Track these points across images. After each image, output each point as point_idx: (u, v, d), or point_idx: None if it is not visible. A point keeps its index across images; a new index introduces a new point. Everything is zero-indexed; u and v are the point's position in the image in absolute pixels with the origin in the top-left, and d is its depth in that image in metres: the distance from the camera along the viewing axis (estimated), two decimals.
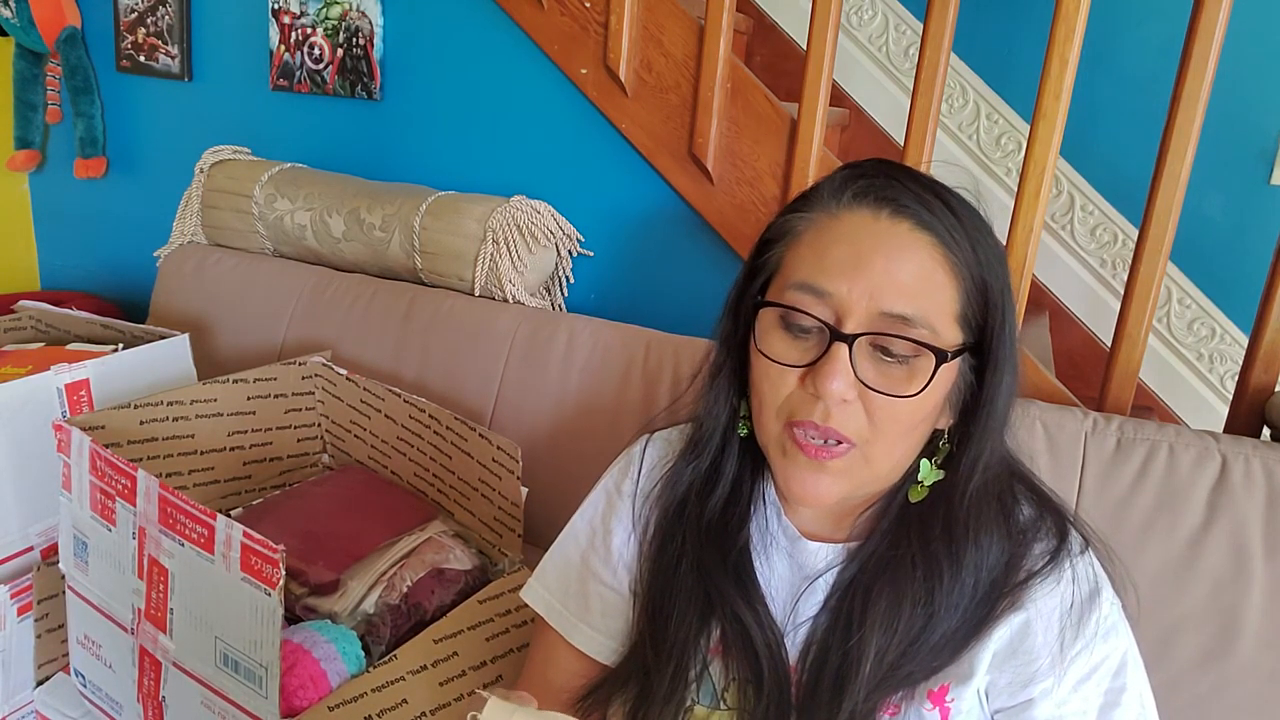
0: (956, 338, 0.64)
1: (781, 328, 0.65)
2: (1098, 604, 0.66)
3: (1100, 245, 1.89)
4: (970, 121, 1.96)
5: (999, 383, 0.65)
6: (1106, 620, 0.66)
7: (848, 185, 0.65)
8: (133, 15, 1.84)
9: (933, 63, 1.13)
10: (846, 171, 0.67)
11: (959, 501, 0.66)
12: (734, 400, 0.73)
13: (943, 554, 0.65)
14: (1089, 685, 0.64)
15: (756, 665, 0.67)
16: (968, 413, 0.67)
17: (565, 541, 0.80)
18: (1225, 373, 1.81)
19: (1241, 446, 0.95)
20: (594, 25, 1.35)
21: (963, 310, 0.63)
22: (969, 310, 0.64)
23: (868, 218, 0.63)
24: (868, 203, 0.64)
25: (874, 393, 0.62)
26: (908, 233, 0.62)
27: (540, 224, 1.42)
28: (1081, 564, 0.67)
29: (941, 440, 0.68)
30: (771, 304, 0.65)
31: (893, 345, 0.62)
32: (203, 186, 1.66)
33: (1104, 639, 0.65)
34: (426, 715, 0.87)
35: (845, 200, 0.64)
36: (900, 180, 0.64)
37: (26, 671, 1.04)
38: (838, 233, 0.64)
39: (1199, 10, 1.00)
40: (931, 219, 0.63)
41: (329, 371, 1.24)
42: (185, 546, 0.84)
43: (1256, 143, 1.72)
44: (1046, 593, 0.65)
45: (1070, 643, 0.64)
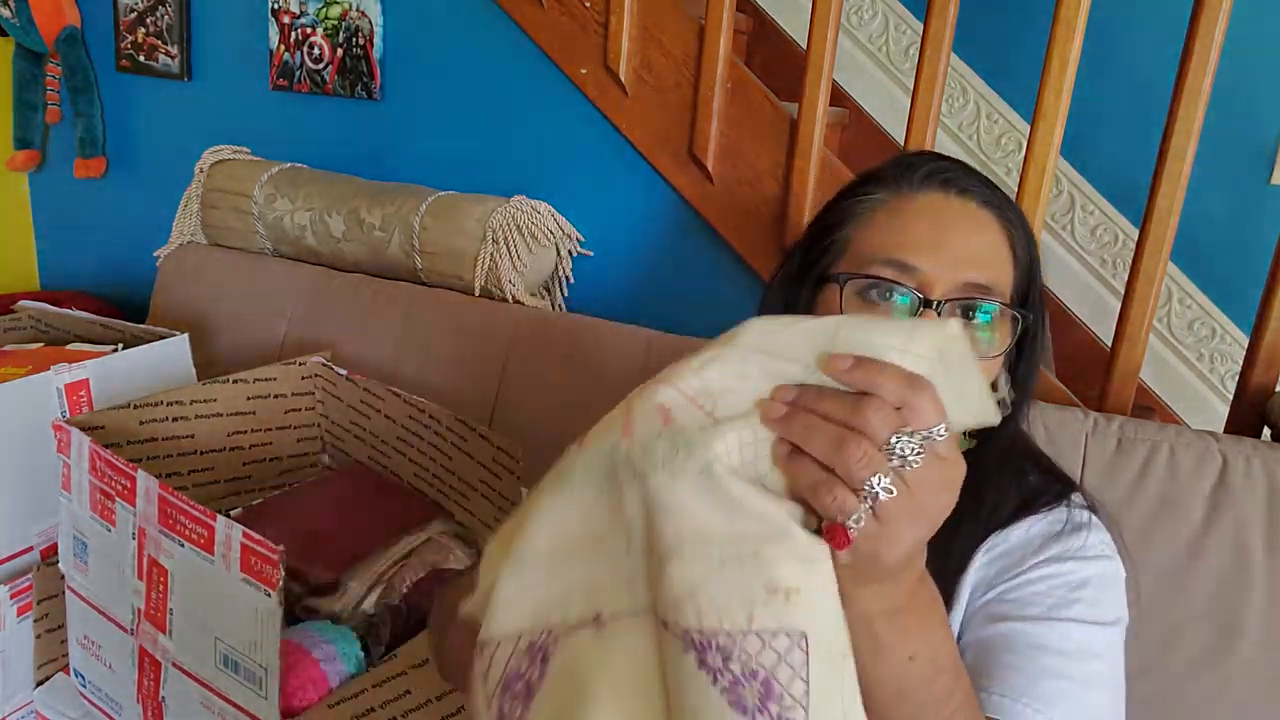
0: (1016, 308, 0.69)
1: (862, 300, 0.68)
2: (1079, 536, 0.69)
3: (1101, 245, 1.89)
4: (970, 121, 1.96)
5: (1034, 353, 0.71)
6: (1084, 550, 0.68)
7: (914, 169, 0.70)
8: (132, 15, 1.84)
9: (933, 62, 1.13)
10: (907, 159, 0.72)
11: (987, 465, 0.69)
12: None
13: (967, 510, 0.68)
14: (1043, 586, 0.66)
15: None
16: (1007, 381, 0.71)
17: None
18: (1226, 373, 1.81)
19: (1242, 446, 0.95)
20: (594, 25, 1.35)
21: (1017, 284, 0.69)
22: (1020, 285, 0.70)
23: (939, 197, 0.68)
24: (937, 184, 0.69)
25: None
26: (976, 210, 0.68)
27: (540, 224, 1.42)
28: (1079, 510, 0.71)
29: None
30: (862, 275, 0.67)
31: (976, 308, 0.66)
32: (202, 186, 1.66)
33: (1072, 560, 0.67)
34: (431, 702, 0.86)
35: (916, 182, 0.69)
36: (960, 167, 0.71)
37: (26, 672, 1.04)
38: (914, 212, 0.68)
39: (1199, 10, 1.00)
40: (992, 198, 0.69)
41: (329, 371, 1.24)
42: (185, 547, 0.84)
43: (1257, 143, 1.72)
44: (1034, 522, 0.70)
45: (1035, 553, 0.68)
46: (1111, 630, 0.65)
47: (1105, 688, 0.63)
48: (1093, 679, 0.62)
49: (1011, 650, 0.62)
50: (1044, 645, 0.62)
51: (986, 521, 0.69)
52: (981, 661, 0.63)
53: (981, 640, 0.65)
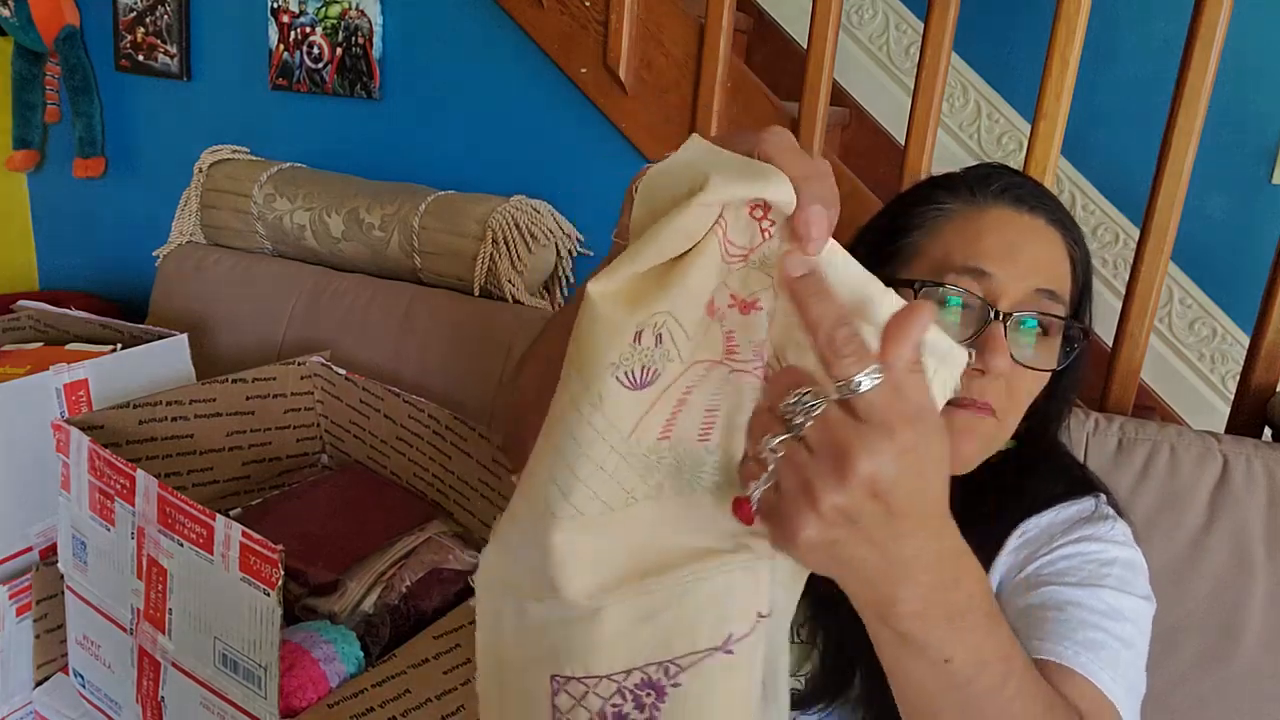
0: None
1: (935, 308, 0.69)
2: (1104, 523, 0.71)
3: (1101, 245, 1.89)
4: (971, 121, 1.96)
5: (1080, 363, 0.73)
6: (1110, 535, 0.70)
7: (987, 182, 0.72)
8: (131, 14, 1.84)
9: (933, 62, 1.13)
10: (979, 171, 0.74)
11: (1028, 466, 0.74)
12: None
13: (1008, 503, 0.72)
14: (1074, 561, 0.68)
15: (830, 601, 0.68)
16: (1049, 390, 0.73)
17: None
18: (1226, 373, 1.81)
19: (1243, 447, 0.95)
20: (594, 24, 1.35)
21: (1073, 299, 0.72)
22: (1076, 300, 0.72)
23: (1011, 211, 0.70)
24: (1009, 199, 0.71)
25: (1021, 368, 0.68)
26: (1045, 226, 0.70)
27: (540, 224, 1.41)
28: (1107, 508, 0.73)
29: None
30: (937, 284, 0.69)
31: (1042, 320, 0.68)
32: (202, 186, 1.66)
33: (1100, 540, 0.69)
34: (431, 701, 0.86)
35: (990, 195, 0.71)
36: (1029, 181, 0.73)
37: (25, 672, 1.04)
38: (987, 223, 0.70)
39: (1200, 10, 1.00)
40: (1059, 216, 0.71)
41: (328, 371, 1.24)
42: (184, 546, 0.83)
43: (1257, 142, 1.72)
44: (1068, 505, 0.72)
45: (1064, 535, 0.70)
46: (1141, 601, 0.67)
47: (1134, 649, 0.64)
48: (1125, 638, 0.63)
49: (1049, 606, 0.64)
50: (1080, 603, 0.64)
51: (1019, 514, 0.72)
52: (1024, 622, 0.65)
53: (1020, 606, 0.66)
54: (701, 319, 0.43)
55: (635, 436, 0.43)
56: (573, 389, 0.43)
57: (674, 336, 0.43)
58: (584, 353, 0.43)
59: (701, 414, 0.44)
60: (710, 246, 0.42)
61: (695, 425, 0.44)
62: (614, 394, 0.42)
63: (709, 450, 0.45)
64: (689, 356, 0.43)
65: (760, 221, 0.43)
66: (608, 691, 0.46)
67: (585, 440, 0.43)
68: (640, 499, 0.44)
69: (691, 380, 0.44)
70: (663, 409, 0.44)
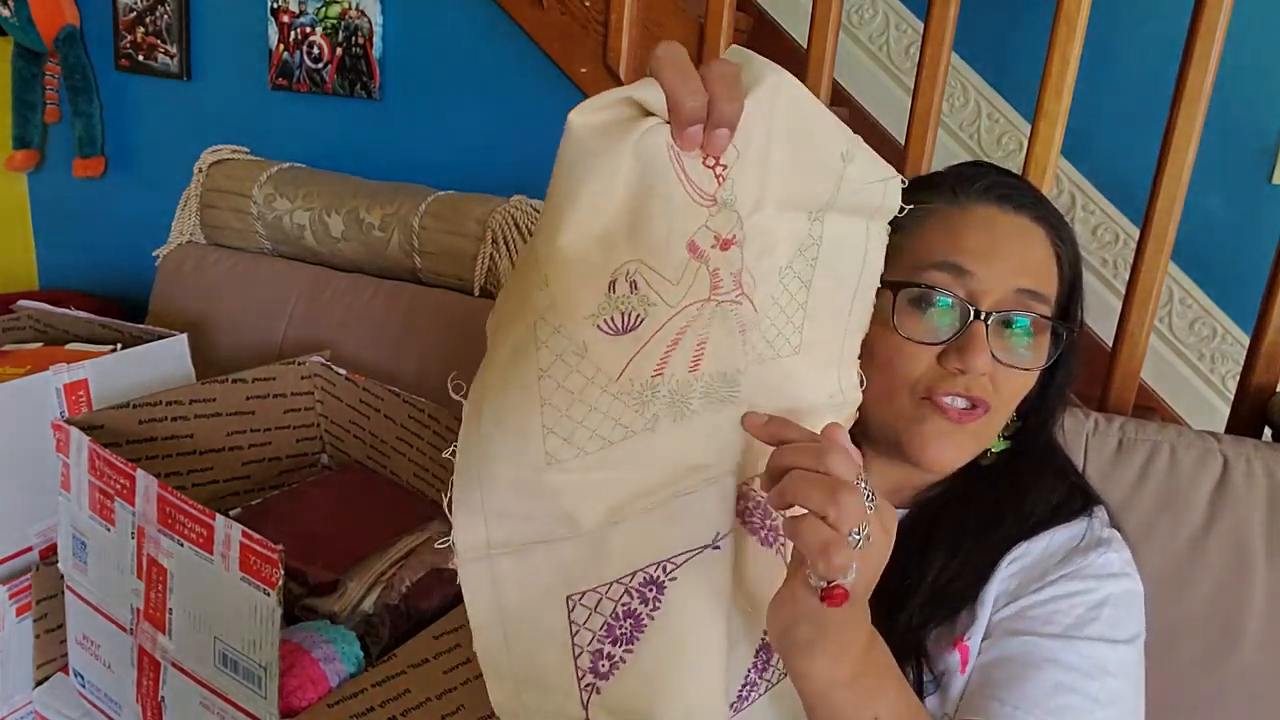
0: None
1: (914, 307, 0.68)
2: (1099, 551, 0.69)
3: (1101, 245, 1.89)
4: (971, 121, 1.96)
5: (1072, 363, 0.74)
6: (1106, 567, 0.68)
7: (972, 180, 0.72)
8: (131, 14, 1.84)
9: (933, 62, 1.13)
10: (963, 169, 0.74)
11: (1026, 462, 0.74)
12: None
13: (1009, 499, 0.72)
14: (1064, 604, 0.66)
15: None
16: (1041, 391, 0.74)
17: None
18: (1226, 373, 1.81)
19: (1243, 447, 0.95)
20: (594, 24, 1.35)
21: (1059, 297, 0.71)
22: (1063, 297, 0.72)
23: (994, 210, 0.70)
24: (993, 197, 0.70)
25: (1005, 367, 0.67)
26: (1029, 223, 0.70)
27: None
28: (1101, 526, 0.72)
29: (1012, 419, 0.74)
30: (913, 284, 0.68)
31: (1020, 318, 0.68)
32: (201, 186, 1.66)
33: (1094, 576, 0.68)
34: (431, 700, 0.86)
35: (973, 194, 0.71)
36: (1016, 180, 0.73)
37: (25, 672, 1.04)
38: (970, 221, 0.70)
39: (1200, 9, 1.00)
40: (1045, 213, 0.71)
41: (328, 371, 1.24)
42: (184, 546, 0.83)
43: (1257, 143, 1.72)
44: (1056, 534, 0.71)
45: (1058, 567, 0.68)
46: (1126, 648, 0.66)
47: (1117, 703, 0.63)
48: (1104, 696, 0.62)
49: (1028, 663, 0.64)
50: (1059, 660, 0.63)
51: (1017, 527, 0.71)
52: (999, 673, 0.64)
53: (1001, 653, 0.65)
54: (685, 261, 0.48)
55: (626, 377, 0.48)
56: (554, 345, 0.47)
57: (649, 282, 0.47)
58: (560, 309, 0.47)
59: (693, 347, 0.49)
60: (671, 192, 0.46)
61: (687, 357, 0.49)
62: (597, 341, 0.47)
63: (698, 378, 0.50)
64: (677, 299, 0.48)
65: (714, 169, 0.47)
66: (617, 594, 0.52)
67: (576, 387, 0.47)
68: (638, 431, 0.49)
69: (685, 321, 0.49)
70: (655, 349, 0.48)
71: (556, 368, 0.47)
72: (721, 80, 0.46)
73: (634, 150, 0.45)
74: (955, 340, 0.66)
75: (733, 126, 0.46)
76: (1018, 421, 0.75)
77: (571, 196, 0.45)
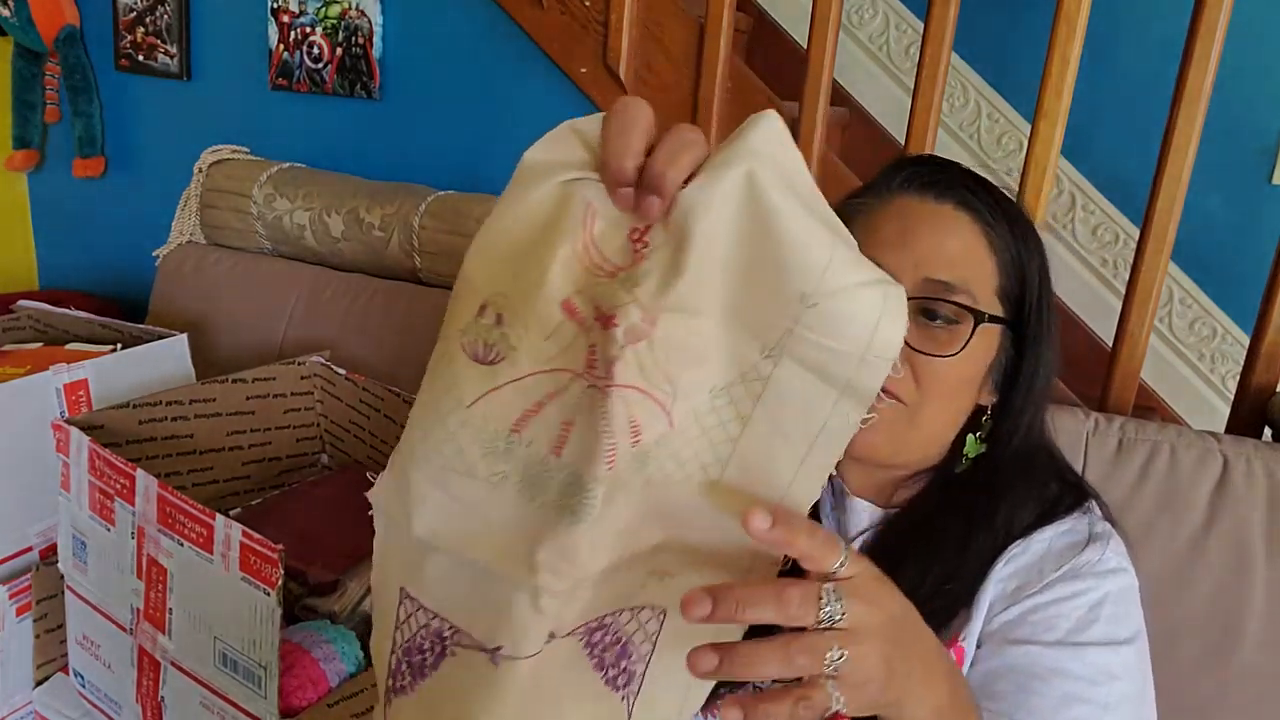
0: (997, 310, 0.69)
1: None
2: (1095, 548, 0.68)
3: (1101, 245, 1.89)
4: (971, 121, 1.96)
5: (1037, 356, 0.71)
6: (1101, 564, 0.67)
7: (898, 172, 0.71)
8: (131, 14, 1.84)
9: (933, 62, 1.13)
10: (897, 162, 0.74)
11: (1000, 469, 0.71)
12: None
13: (983, 509, 0.70)
14: (1062, 607, 0.65)
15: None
16: (1009, 388, 0.72)
17: None
18: (1226, 373, 1.81)
19: (1243, 447, 0.95)
20: (594, 24, 1.35)
21: (1002, 285, 0.69)
22: (1007, 286, 0.69)
23: (915, 199, 0.69)
24: (915, 187, 0.70)
25: (919, 354, 0.66)
26: (951, 211, 0.68)
27: None
28: (1096, 521, 0.71)
29: (985, 417, 0.73)
30: None
31: (938, 308, 0.66)
32: (201, 186, 1.66)
33: (1091, 575, 0.67)
34: None
35: (895, 186, 0.71)
36: (948, 169, 0.71)
37: (25, 672, 1.04)
38: (889, 212, 0.70)
39: (1200, 9, 1.00)
40: (973, 200, 0.69)
41: (328, 371, 1.24)
42: (184, 546, 0.83)
43: (1257, 142, 1.72)
44: (1051, 534, 0.69)
45: (1053, 568, 0.67)
46: (1128, 648, 0.65)
47: (1125, 704, 0.63)
48: (1112, 700, 0.62)
49: (1033, 675, 0.63)
50: (1064, 670, 0.63)
51: (1005, 529, 0.69)
52: (1003, 684, 0.63)
53: (1004, 662, 0.65)
54: (558, 321, 0.45)
55: (479, 411, 0.45)
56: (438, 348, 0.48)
57: (514, 322, 0.45)
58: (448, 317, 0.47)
59: (558, 425, 0.45)
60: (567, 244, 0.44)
61: (551, 434, 0.45)
62: (459, 358, 0.46)
63: (560, 465, 0.45)
64: (544, 357, 0.45)
65: (636, 245, 0.44)
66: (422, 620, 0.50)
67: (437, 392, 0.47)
68: (480, 477, 0.46)
69: (553, 387, 0.45)
70: (514, 401, 0.45)
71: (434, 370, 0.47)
72: (669, 145, 0.43)
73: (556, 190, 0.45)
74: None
75: (663, 195, 0.42)
76: (990, 422, 0.73)
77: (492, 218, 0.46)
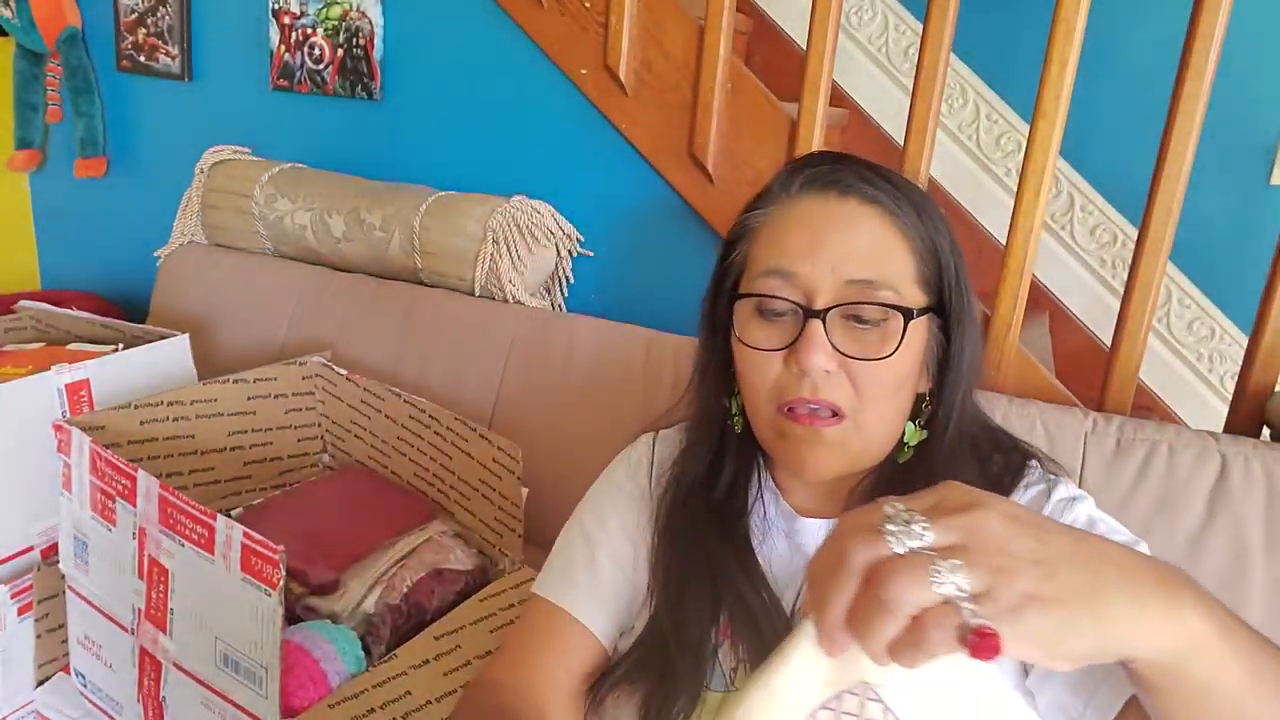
0: (919, 299, 0.68)
1: (758, 316, 0.68)
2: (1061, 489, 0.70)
3: (1100, 245, 1.89)
4: (970, 122, 1.96)
5: (963, 335, 0.70)
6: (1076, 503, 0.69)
7: (795, 176, 0.70)
8: (133, 15, 1.84)
9: (932, 63, 1.13)
10: (791, 165, 0.72)
11: (939, 452, 0.70)
12: (724, 398, 0.76)
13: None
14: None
15: (763, 645, 0.68)
16: (942, 371, 0.71)
17: (573, 540, 0.80)
18: (1225, 373, 1.81)
19: (1241, 446, 0.95)
20: (594, 25, 1.35)
21: (919, 271, 0.68)
22: (925, 271, 0.68)
23: (818, 201, 0.68)
24: (816, 188, 0.69)
25: (853, 360, 0.65)
26: (856, 207, 0.67)
27: (540, 224, 1.42)
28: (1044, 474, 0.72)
29: (924, 404, 0.72)
30: (745, 295, 0.69)
31: (863, 312, 0.65)
32: (203, 186, 1.66)
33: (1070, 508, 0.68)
34: (432, 703, 0.87)
35: (795, 190, 0.70)
36: (843, 164, 0.70)
37: (27, 671, 1.04)
38: (793, 219, 0.68)
39: (1199, 10, 1.00)
40: (875, 192, 0.68)
41: (329, 371, 1.24)
42: (185, 547, 0.84)
43: (1256, 142, 1.72)
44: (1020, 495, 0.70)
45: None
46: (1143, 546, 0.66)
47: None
48: None
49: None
50: None
51: None
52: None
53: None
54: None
55: None
56: None
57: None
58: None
59: None
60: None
61: None
62: None
63: None
64: None
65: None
66: None
67: None
68: None
69: None
70: None
71: None
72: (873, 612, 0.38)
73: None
74: (794, 342, 0.66)
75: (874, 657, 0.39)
76: (929, 408, 0.72)
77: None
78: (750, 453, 0.76)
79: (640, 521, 0.77)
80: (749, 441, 0.75)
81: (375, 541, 1.05)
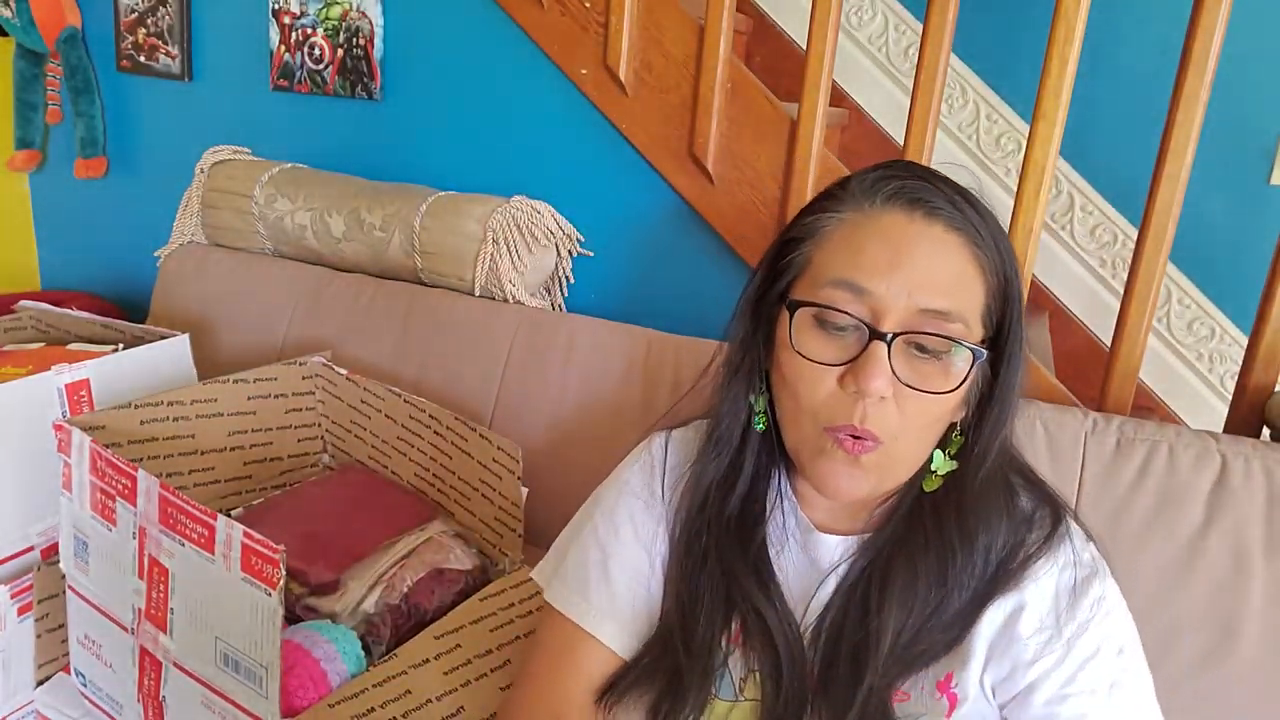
0: (980, 333, 0.66)
1: (816, 326, 0.65)
2: (1096, 585, 0.67)
3: (1100, 245, 1.89)
4: (970, 122, 1.96)
5: (1013, 374, 0.68)
6: (1105, 601, 0.67)
7: (880, 186, 0.66)
8: (133, 15, 1.84)
9: (932, 63, 1.13)
10: (877, 173, 0.68)
11: (971, 488, 0.68)
12: (750, 398, 0.74)
13: (955, 535, 0.67)
14: (1095, 663, 0.65)
15: (776, 657, 0.68)
16: (981, 404, 0.69)
17: (586, 546, 0.78)
18: (1225, 372, 1.81)
19: (1241, 446, 0.95)
20: (594, 25, 1.35)
21: (986, 306, 0.66)
22: (992, 306, 0.66)
23: (902, 218, 0.65)
24: (901, 204, 0.65)
25: (911, 390, 0.63)
26: (942, 233, 0.64)
27: (540, 224, 1.42)
28: (1080, 545, 0.69)
29: (954, 432, 0.70)
30: (809, 303, 0.65)
31: (929, 342, 0.63)
32: (203, 186, 1.66)
33: (1103, 619, 0.66)
34: (432, 701, 0.87)
35: (879, 201, 0.66)
36: (931, 182, 0.66)
37: (27, 671, 1.04)
38: (873, 231, 0.65)
39: (1199, 10, 1.00)
40: (963, 220, 0.65)
41: (329, 371, 1.24)
42: (186, 546, 0.84)
43: (1257, 142, 1.72)
44: (1045, 573, 0.67)
45: (1068, 620, 0.66)
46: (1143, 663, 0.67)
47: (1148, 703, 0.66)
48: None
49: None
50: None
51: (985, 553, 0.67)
52: None
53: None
54: None
55: None
56: None
57: None
58: None
59: None
60: None
61: None
62: None
63: None
64: None
65: None
66: None
67: None
68: None
69: None
70: None
71: None
72: None
73: None
74: (854, 361, 0.63)
75: None
76: (960, 438, 0.70)
77: None
78: (771, 454, 0.74)
79: (654, 528, 0.76)
80: (771, 442, 0.73)
81: (375, 541, 1.05)
